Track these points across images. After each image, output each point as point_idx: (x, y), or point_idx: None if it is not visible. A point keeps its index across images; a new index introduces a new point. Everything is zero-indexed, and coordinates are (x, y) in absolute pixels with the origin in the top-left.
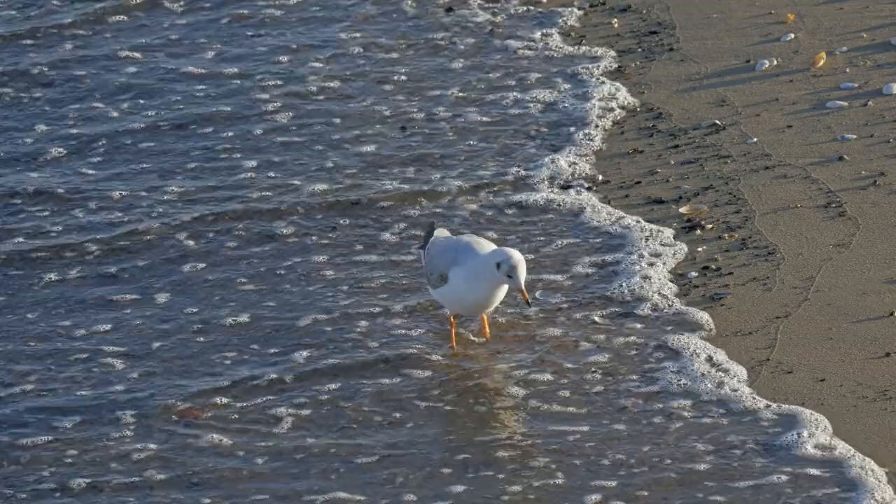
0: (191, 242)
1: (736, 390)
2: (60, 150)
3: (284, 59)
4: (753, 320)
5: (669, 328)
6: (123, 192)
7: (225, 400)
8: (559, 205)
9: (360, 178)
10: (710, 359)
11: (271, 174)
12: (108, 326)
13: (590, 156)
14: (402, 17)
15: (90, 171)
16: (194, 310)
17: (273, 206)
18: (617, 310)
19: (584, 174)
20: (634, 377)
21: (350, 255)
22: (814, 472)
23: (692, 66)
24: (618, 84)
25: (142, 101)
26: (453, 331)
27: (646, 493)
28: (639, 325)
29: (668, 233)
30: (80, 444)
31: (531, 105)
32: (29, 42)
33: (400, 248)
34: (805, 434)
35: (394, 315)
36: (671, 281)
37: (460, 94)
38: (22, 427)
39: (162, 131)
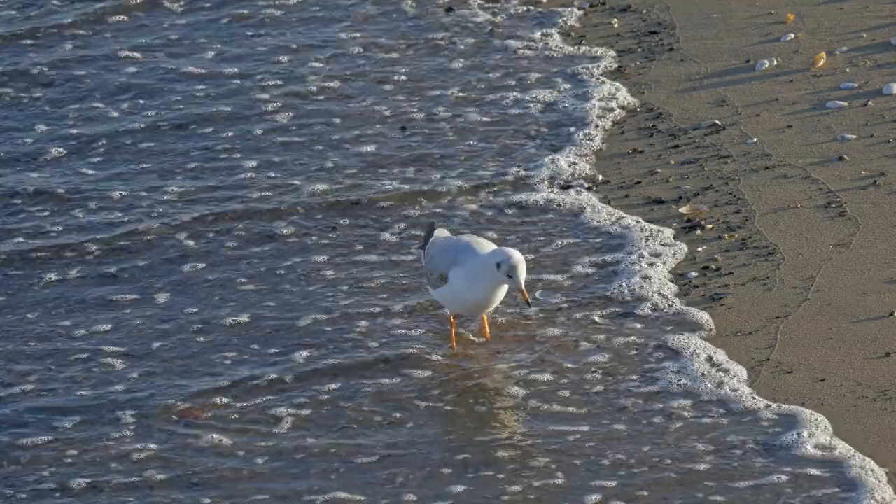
0: (191, 242)
1: (736, 390)
2: (60, 150)
3: (284, 59)
4: (753, 320)
5: (669, 328)
6: (123, 192)
7: (225, 400)
8: (559, 205)
9: (360, 178)
10: (710, 359)
11: (271, 174)
12: (108, 326)
13: (590, 156)
14: (402, 17)
15: (90, 171)
16: (194, 310)
17: (273, 206)
18: (617, 310)
19: (584, 174)
20: (634, 377)
21: (350, 255)
22: (814, 472)
23: (692, 66)
24: (618, 84)
25: (142, 101)
26: (453, 331)
27: (646, 493)
28: (639, 325)
29: (668, 233)
30: (80, 444)
31: (531, 105)
32: (29, 42)
33: (400, 248)
34: (805, 434)
35: (394, 315)
36: (671, 281)
37: (460, 94)
38: (22, 427)
39: (162, 131)
